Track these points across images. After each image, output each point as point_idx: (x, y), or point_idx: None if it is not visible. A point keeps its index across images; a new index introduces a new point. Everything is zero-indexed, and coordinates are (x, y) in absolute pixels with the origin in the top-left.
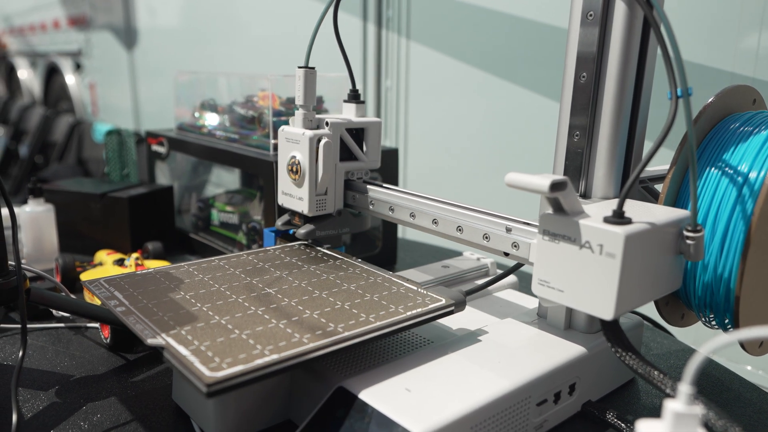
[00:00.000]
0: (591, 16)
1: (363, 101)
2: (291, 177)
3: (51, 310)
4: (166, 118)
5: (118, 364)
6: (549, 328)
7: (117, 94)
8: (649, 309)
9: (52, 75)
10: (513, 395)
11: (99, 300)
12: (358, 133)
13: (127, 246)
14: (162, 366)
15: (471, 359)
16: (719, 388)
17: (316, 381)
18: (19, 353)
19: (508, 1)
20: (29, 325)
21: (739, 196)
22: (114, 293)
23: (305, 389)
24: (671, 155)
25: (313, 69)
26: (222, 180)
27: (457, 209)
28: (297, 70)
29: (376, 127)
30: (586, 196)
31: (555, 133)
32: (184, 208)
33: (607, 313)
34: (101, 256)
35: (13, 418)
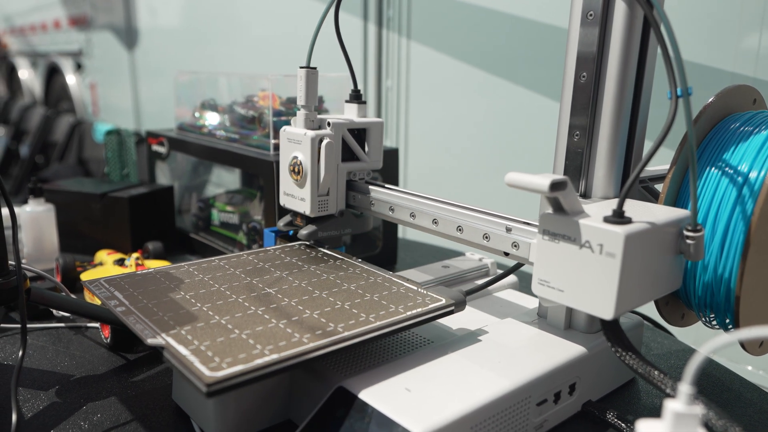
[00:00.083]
0: (591, 15)
1: (365, 101)
2: (293, 177)
3: (51, 309)
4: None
5: (119, 364)
6: (549, 327)
7: (118, 94)
8: (649, 309)
9: (52, 75)
10: (513, 395)
11: (99, 300)
12: (360, 133)
13: (127, 246)
14: (162, 366)
15: (471, 359)
16: (719, 388)
17: (316, 381)
18: (19, 353)
19: (509, 1)
20: (29, 325)
21: (740, 196)
22: (114, 293)
23: (305, 389)
24: (671, 155)
25: (314, 69)
26: (222, 180)
27: (457, 209)
28: (299, 70)
29: (378, 127)
30: (586, 195)
31: (555, 133)
32: (184, 208)
33: (607, 313)
34: (101, 256)
35: (13, 417)
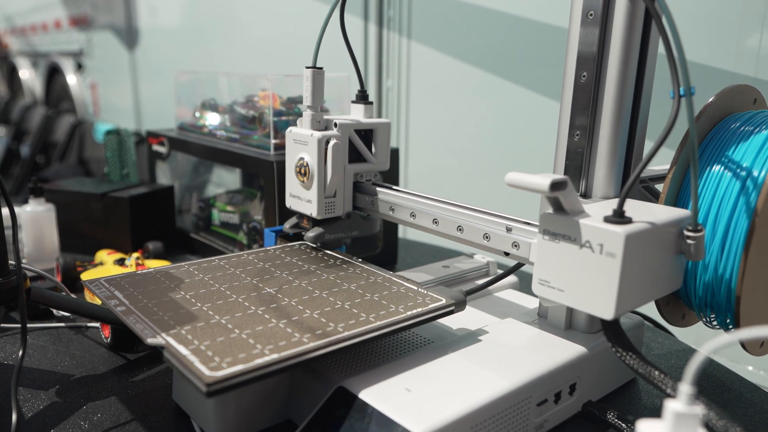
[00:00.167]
0: (591, 15)
1: (371, 102)
2: (299, 179)
3: (51, 309)
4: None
5: (119, 363)
6: (549, 328)
7: (118, 94)
8: (649, 309)
9: (53, 75)
10: (513, 395)
11: (99, 299)
12: (367, 134)
13: (127, 246)
14: (162, 366)
15: (471, 359)
16: (720, 388)
17: (316, 381)
18: (20, 353)
19: (509, 0)
20: (30, 325)
21: (740, 196)
22: (114, 293)
23: (305, 389)
24: (671, 155)
25: (321, 69)
26: (223, 180)
27: (457, 209)
28: (305, 70)
29: (385, 128)
30: (586, 195)
31: (555, 133)
32: (184, 207)
33: (607, 313)
34: (102, 255)
35: (13, 417)
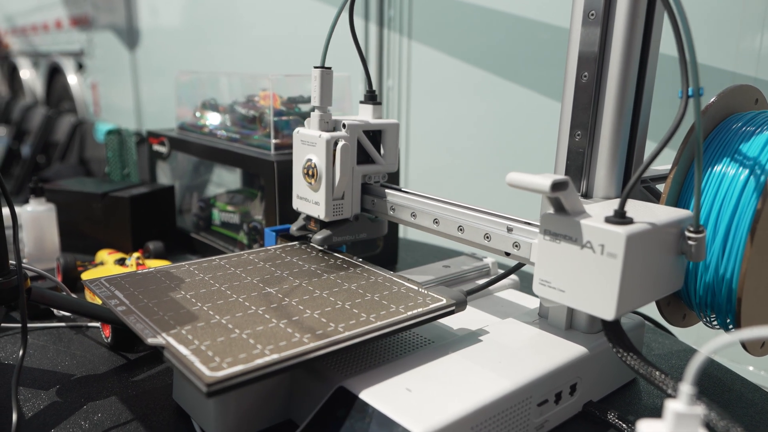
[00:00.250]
0: (592, 15)
1: (380, 102)
2: (306, 181)
3: (52, 309)
4: (168, 118)
5: (119, 363)
6: (550, 328)
7: (119, 94)
8: (650, 309)
9: (54, 75)
10: (514, 395)
11: (100, 299)
12: (375, 135)
13: (128, 245)
14: (163, 365)
15: (472, 359)
16: (721, 388)
17: (317, 381)
18: (20, 352)
19: (510, 0)
20: (30, 325)
21: (741, 197)
22: (115, 292)
23: (306, 389)
24: (672, 155)
25: (329, 69)
26: (223, 180)
27: (458, 209)
28: (313, 70)
29: (393, 129)
30: (587, 195)
31: (556, 133)
32: (185, 207)
33: (608, 314)
34: (102, 255)
35: (14, 417)
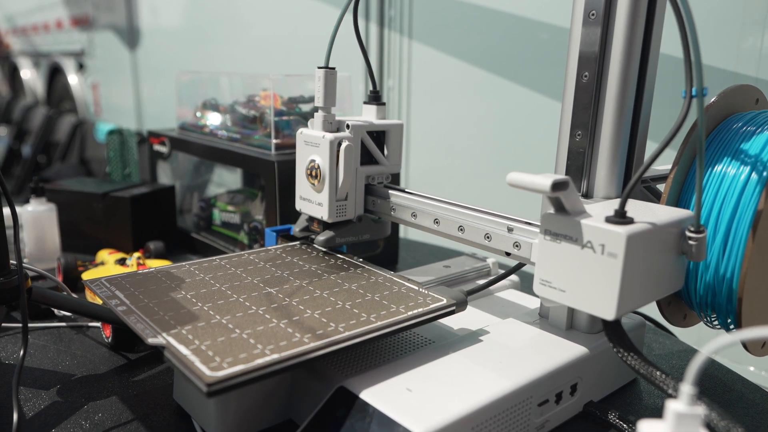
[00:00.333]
0: (593, 15)
1: (384, 102)
2: (310, 181)
3: (53, 309)
4: (169, 118)
5: (120, 363)
6: (550, 328)
7: (119, 93)
8: (651, 309)
9: (55, 75)
10: (514, 395)
11: (100, 299)
12: (379, 135)
13: (128, 245)
14: (163, 365)
15: (472, 359)
16: (721, 388)
17: (317, 380)
18: (21, 352)
19: (510, 0)
20: (31, 324)
21: (742, 196)
22: (115, 292)
23: (306, 389)
24: (672, 155)
25: (333, 69)
26: (224, 180)
27: (458, 209)
28: (317, 70)
29: (397, 129)
30: (587, 195)
31: (557, 133)
32: (185, 207)
33: (608, 314)
34: (103, 255)
35: (14, 416)
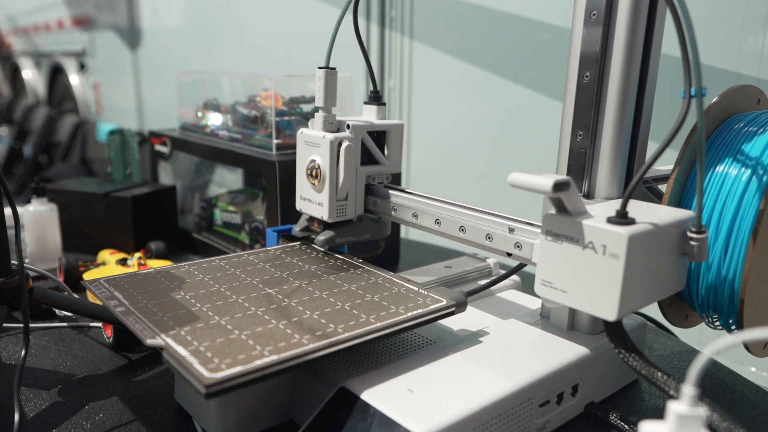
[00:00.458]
0: (594, 15)
1: (384, 103)
2: (310, 181)
3: (54, 309)
4: (170, 118)
5: (121, 363)
6: (552, 328)
7: (121, 94)
8: (652, 310)
9: (56, 75)
10: (515, 396)
11: (99, 300)
12: (380, 136)
13: (130, 245)
14: (164, 366)
15: (473, 360)
16: (723, 389)
17: (318, 381)
18: (22, 352)
19: (511, 0)
20: (32, 325)
21: (743, 197)
22: (114, 293)
23: (307, 389)
24: (674, 155)
25: (334, 69)
26: (225, 180)
27: (459, 209)
28: (317, 70)
29: (398, 129)
30: (589, 196)
31: (558, 133)
32: (187, 207)
33: (610, 314)
34: (104, 255)
35: (15, 417)
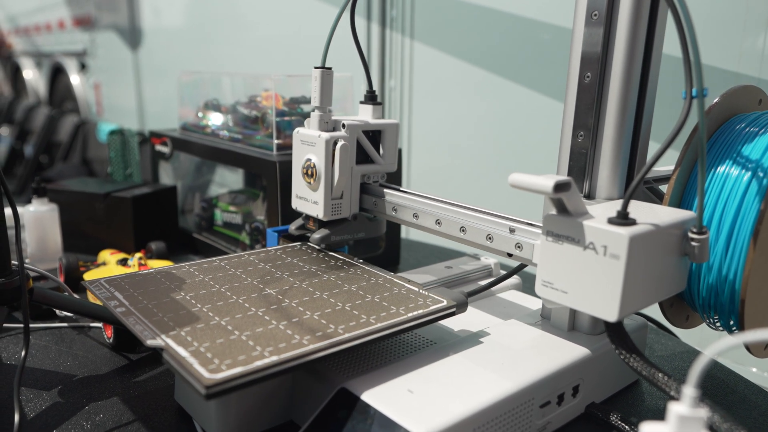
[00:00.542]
0: (596, 15)
1: (380, 102)
2: (306, 180)
3: (54, 309)
4: (170, 118)
5: (121, 364)
6: (552, 329)
7: (121, 94)
8: (653, 310)
9: (57, 75)
10: (516, 397)
11: (99, 300)
12: (375, 135)
13: (130, 246)
14: (164, 366)
15: (474, 361)
16: (724, 390)
17: (319, 382)
18: (22, 353)
19: (511, 0)
20: (32, 325)
21: (744, 197)
22: (114, 294)
23: (307, 390)
24: (675, 156)
25: (329, 69)
26: (225, 180)
27: (460, 210)
28: (313, 70)
29: (393, 129)
30: (590, 196)
31: (558, 133)
32: (187, 208)
33: (611, 315)
34: (105, 255)
35: (16, 417)
